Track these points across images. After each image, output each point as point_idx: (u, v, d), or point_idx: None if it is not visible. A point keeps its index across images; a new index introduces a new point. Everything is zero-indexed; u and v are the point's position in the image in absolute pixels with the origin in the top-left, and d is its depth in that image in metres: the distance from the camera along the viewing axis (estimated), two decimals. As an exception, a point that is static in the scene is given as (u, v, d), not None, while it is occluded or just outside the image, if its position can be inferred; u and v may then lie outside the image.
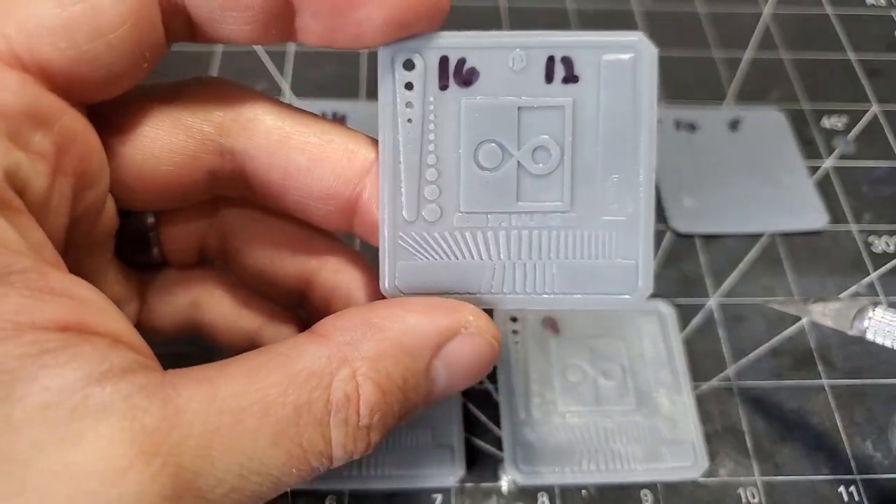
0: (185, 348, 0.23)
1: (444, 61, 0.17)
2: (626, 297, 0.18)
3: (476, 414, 0.28)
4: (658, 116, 0.36)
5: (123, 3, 0.15)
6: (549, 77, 0.17)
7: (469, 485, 0.26)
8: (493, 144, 0.17)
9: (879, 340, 0.20)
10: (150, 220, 0.20)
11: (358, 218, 0.18)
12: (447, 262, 0.18)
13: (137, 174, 0.17)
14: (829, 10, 0.43)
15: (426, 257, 0.18)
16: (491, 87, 0.17)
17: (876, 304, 0.20)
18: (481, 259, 0.18)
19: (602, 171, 0.17)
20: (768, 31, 0.41)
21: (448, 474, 0.26)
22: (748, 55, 0.40)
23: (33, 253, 0.14)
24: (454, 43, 0.17)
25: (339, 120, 0.35)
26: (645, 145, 0.17)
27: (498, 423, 0.28)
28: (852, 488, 0.27)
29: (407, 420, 0.16)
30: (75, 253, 0.17)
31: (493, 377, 0.29)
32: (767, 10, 0.42)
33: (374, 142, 0.18)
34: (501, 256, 0.18)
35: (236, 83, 0.18)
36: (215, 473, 0.13)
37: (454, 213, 0.18)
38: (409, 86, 0.17)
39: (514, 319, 0.30)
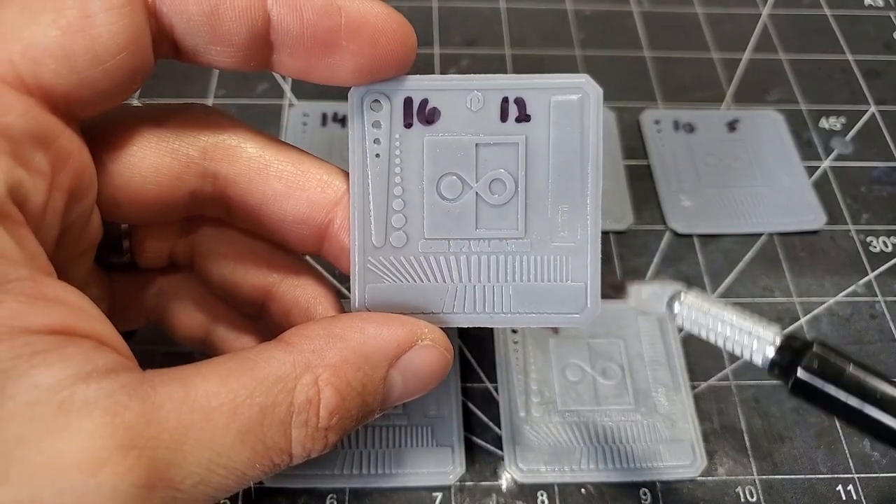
0: (185, 349, 0.24)
1: (408, 102, 0.18)
2: (576, 315, 0.19)
3: (476, 413, 0.28)
4: (658, 117, 0.37)
5: (120, 34, 0.16)
6: (504, 116, 0.18)
7: (469, 483, 0.26)
8: (454, 177, 0.19)
9: (687, 327, 0.19)
10: (124, 226, 0.21)
11: (327, 243, 0.20)
12: (412, 283, 0.19)
13: (124, 191, 0.18)
14: (826, 10, 0.43)
15: (393, 279, 0.19)
16: (451, 125, 0.18)
17: (689, 290, 0.19)
18: (444, 281, 0.19)
19: (553, 201, 0.19)
20: (766, 32, 0.42)
21: (448, 473, 0.26)
22: (746, 56, 0.40)
23: (29, 262, 0.14)
24: (417, 85, 0.18)
25: (339, 121, 0.35)
26: (592, 178, 0.19)
27: (498, 422, 0.28)
28: (850, 487, 0.27)
29: (364, 422, 0.17)
30: (62, 259, 0.17)
31: (492, 376, 0.29)
32: (766, 12, 0.42)
33: (346, 173, 0.19)
34: (462, 279, 0.19)
35: (222, 112, 0.19)
36: (186, 466, 0.14)
37: (419, 239, 0.19)
38: (376, 124, 0.19)
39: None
